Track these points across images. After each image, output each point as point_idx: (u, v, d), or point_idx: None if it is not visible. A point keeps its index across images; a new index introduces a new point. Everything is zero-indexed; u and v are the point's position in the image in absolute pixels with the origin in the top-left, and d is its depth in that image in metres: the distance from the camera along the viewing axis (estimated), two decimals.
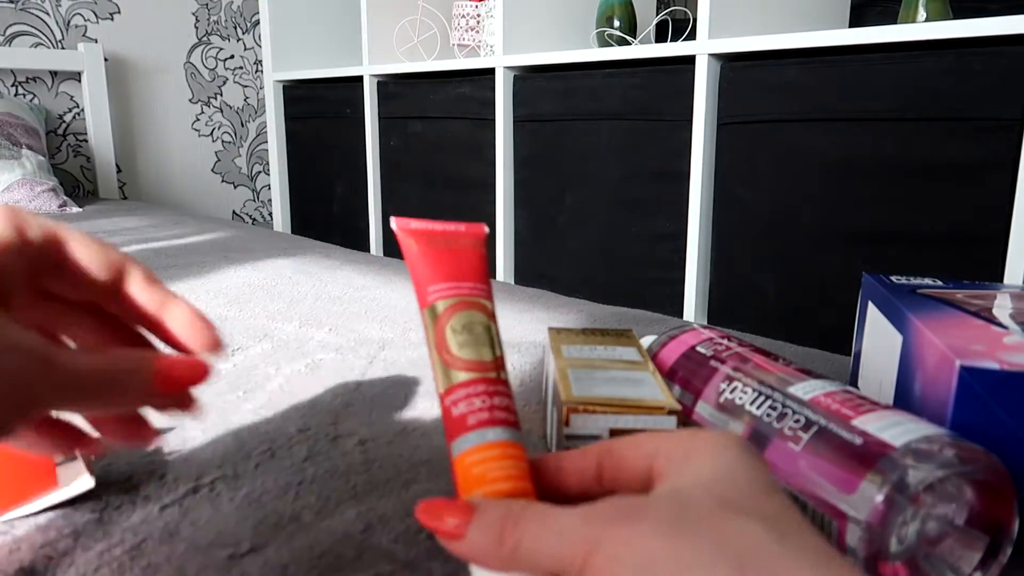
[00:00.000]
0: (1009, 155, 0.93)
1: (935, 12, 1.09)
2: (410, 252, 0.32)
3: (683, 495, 0.23)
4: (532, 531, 0.23)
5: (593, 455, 0.27)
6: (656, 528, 0.21)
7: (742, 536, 0.21)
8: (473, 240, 0.32)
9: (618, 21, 1.47)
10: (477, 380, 0.29)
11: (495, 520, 0.24)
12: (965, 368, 0.34)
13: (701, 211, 1.24)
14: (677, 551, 0.21)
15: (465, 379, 0.29)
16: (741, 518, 0.22)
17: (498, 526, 0.23)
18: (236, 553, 0.34)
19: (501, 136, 1.53)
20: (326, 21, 2.21)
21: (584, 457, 0.27)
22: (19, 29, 1.91)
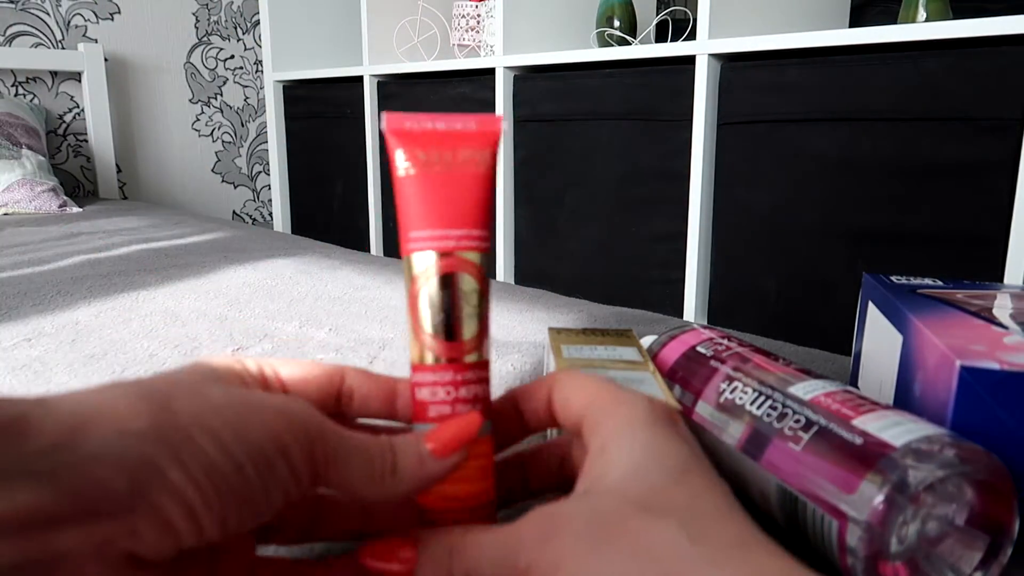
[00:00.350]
0: (1009, 155, 0.93)
1: (935, 12, 1.09)
2: (396, 169, 0.26)
3: (597, 502, 0.23)
4: (472, 560, 0.24)
5: (541, 398, 0.28)
6: (575, 545, 0.22)
7: (659, 543, 0.21)
8: (481, 151, 0.26)
9: (618, 21, 1.47)
10: (446, 366, 0.26)
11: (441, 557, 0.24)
12: (965, 368, 0.34)
13: (701, 211, 1.24)
14: (599, 566, 0.21)
15: (432, 363, 0.26)
16: (656, 521, 0.22)
17: (444, 563, 0.24)
18: None
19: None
20: (326, 21, 2.21)
21: (534, 398, 0.28)
22: (19, 29, 1.91)
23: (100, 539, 0.18)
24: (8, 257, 1.09)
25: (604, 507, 0.23)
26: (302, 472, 0.22)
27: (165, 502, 0.19)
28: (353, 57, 2.22)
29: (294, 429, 0.22)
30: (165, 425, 0.20)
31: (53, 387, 0.56)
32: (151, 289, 0.87)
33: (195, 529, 0.20)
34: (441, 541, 0.24)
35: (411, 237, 0.26)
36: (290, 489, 0.22)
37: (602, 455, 0.24)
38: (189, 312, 0.78)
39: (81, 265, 1.02)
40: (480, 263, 0.26)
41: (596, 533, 0.22)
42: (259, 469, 0.21)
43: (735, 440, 0.37)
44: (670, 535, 0.21)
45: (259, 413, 0.22)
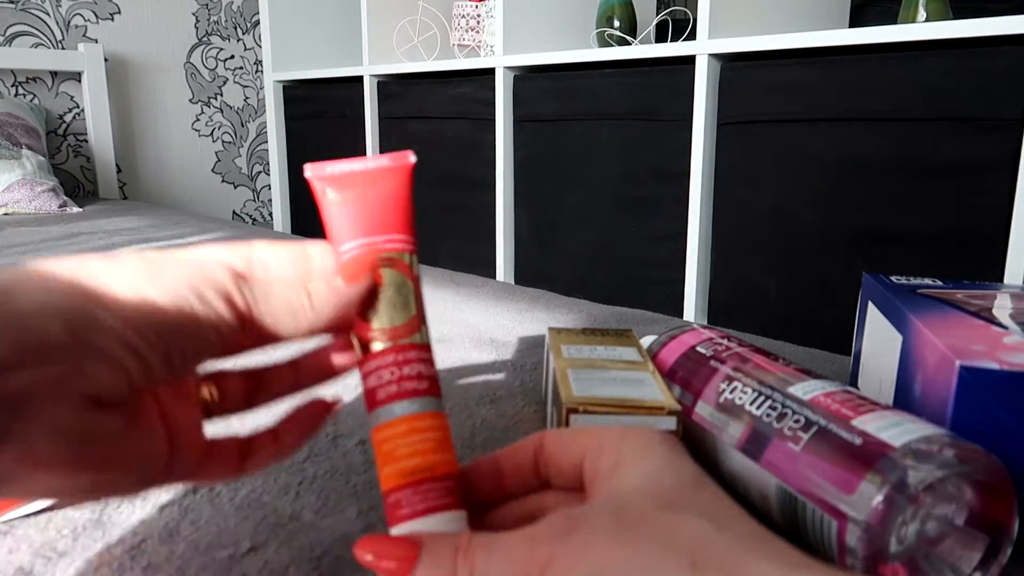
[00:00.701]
0: (1009, 155, 0.93)
1: (935, 12, 1.09)
2: (323, 203, 0.29)
3: (619, 502, 0.23)
4: (481, 560, 0.23)
5: (528, 453, 0.28)
6: (601, 536, 0.22)
7: (686, 532, 0.21)
8: (396, 177, 0.30)
9: (618, 21, 1.47)
10: (386, 350, 0.27)
11: (446, 556, 0.23)
12: (965, 368, 0.34)
13: (701, 211, 1.24)
14: (626, 555, 0.21)
15: (374, 350, 0.28)
16: (680, 515, 0.22)
17: (449, 563, 0.23)
18: (236, 553, 0.34)
19: (501, 136, 1.53)
20: (326, 21, 2.21)
21: (519, 455, 0.28)
22: (19, 29, 1.91)
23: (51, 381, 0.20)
24: (8, 257, 1.09)
25: (627, 505, 0.23)
26: (223, 311, 0.24)
27: (107, 343, 0.21)
28: (353, 57, 2.22)
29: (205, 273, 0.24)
30: (84, 281, 0.22)
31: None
32: None
33: (142, 367, 0.22)
34: (446, 540, 0.24)
35: (342, 251, 0.28)
36: (220, 327, 0.24)
37: (616, 470, 0.25)
38: None
39: None
40: (406, 261, 0.29)
41: (621, 526, 0.22)
42: (182, 308, 0.23)
43: (735, 440, 0.37)
44: (696, 525, 0.22)
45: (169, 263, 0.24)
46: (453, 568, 0.23)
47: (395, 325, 0.28)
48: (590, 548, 0.22)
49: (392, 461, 0.26)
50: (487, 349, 0.66)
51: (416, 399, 0.27)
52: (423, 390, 0.27)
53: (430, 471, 0.26)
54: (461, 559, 0.23)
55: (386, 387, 0.27)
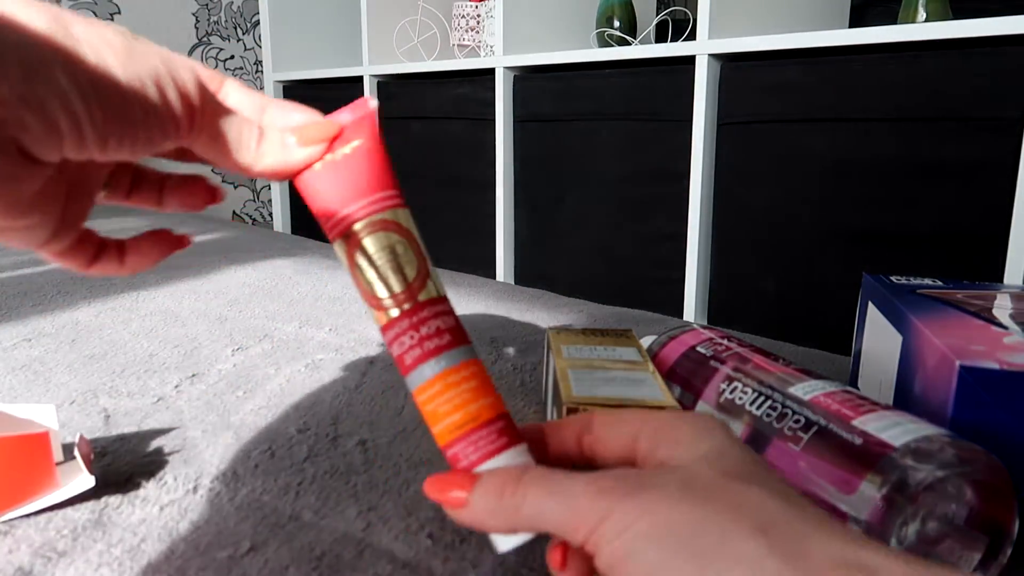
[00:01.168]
0: (1009, 155, 0.93)
1: (935, 12, 1.09)
2: (297, 179, 0.29)
3: (686, 470, 0.23)
4: (534, 494, 0.23)
5: (573, 432, 0.28)
6: (668, 498, 0.22)
7: (754, 500, 0.21)
8: (359, 131, 0.29)
9: (618, 21, 1.47)
10: (400, 316, 0.27)
11: (494, 487, 0.24)
12: (965, 368, 0.34)
13: (701, 211, 1.24)
14: (694, 517, 0.21)
15: (388, 319, 0.27)
16: (749, 486, 0.22)
17: (497, 491, 0.24)
18: (236, 553, 0.34)
19: (501, 136, 1.53)
20: (326, 21, 2.21)
21: (564, 433, 0.28)
22: None
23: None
24: (8, 257, 1.09)
25: (694, 474, 0.23)
26: (179, 114, 0.24)
27: (51, 103, 0.21)
28: (353, 57, 2.22)
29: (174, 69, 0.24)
30: (60, 35, 0.22)
31: (53, 387, 0.56)
32: (151, 289, 0.87)
33: (77, 137, 0.22)
34: (503, 476, 0.24)
35: (328, 226, 0.28)
36: (167, 126, 0.24)
37: (676, 448, 0.25)
38: (189, 312, 0.78)
39: None
40: (393, 218, 0.28)
41: (689, 490, 0.22)
42: (138, 96, 0.23)
43: None
44: (765, 495, 0.22)
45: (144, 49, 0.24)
46: (500, 499, 0.24)
47: (399, 290, 0.27)
48: (655, 507, 0.21)
49: (437, 420, 0.27)
50: (487, 349, 0.66)
51: (442, 356, 0.27)
52: (446, 344, 0.27)
53: (474, 421, 0.26)
54: (509, 491, 0.24)
55: (411, 352, 0.27)
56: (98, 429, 0.48)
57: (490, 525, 0.24)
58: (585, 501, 0.22)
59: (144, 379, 0.58)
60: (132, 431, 0.48)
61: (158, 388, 0.56)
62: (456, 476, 0.25)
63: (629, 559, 0.21)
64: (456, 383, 0.27)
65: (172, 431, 0.47)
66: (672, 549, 0.21)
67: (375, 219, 0.28)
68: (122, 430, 0.48)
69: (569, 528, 0.22)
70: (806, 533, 0.20)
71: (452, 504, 0.25)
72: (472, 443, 0.26)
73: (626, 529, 0.21)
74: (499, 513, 0.24)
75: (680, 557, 0.20)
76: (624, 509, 0.22)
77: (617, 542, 0.21)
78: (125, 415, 0.50)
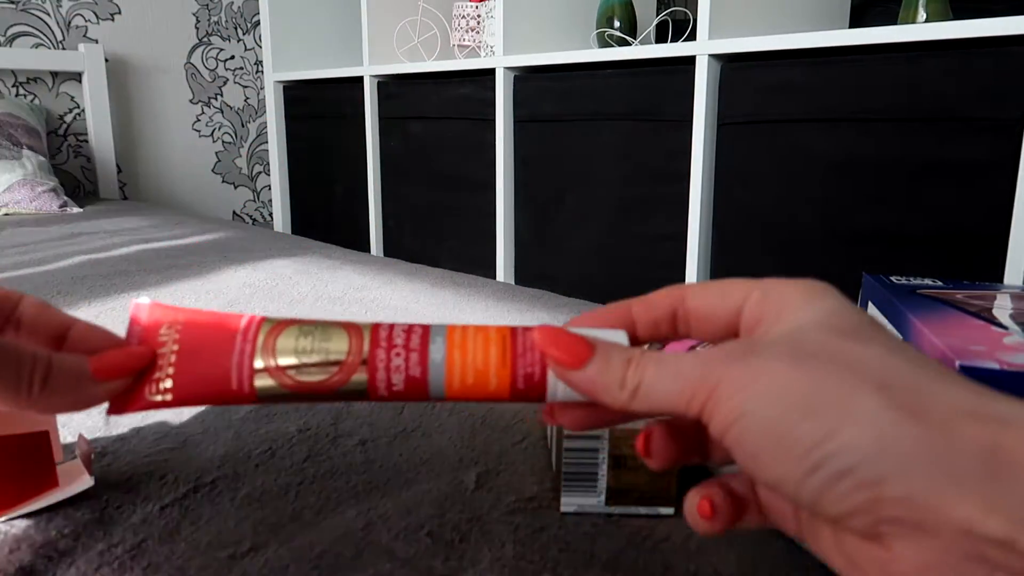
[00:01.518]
0: (1009, 155, 0.93)
1: (935, 12, 1.09)
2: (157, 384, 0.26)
3: (797, 333, 0.22)
4: (651, 373, 0.23)
5: (666, 307, 0.27)
6: (780, 361, 0.21)
7: (872, 358, 0.21)
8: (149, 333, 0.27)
9: (618, 21, 1.47)
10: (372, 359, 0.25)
11: (618, 363, 0.24)
12: (965, 368, 0.34)
13: (701, 211, 1.24)
14: (810, 377, 0.20)
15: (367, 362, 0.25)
16: (866, 345, 0.21)
17: (620, 369, 0.23)
18: (236, 553, 0.34)
19: (501, 136, 1.53)
20: (326, 21, 2.21)
21: (655, 308, 0.27)
22: (20, 30, 1.91)
23: None
24: (9, 257, 1.09)
25: (806, 336, 0.22)
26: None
27: None
28: (353, 57, 2.22)
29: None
30: None
31: None
32: (151, 289, 0.87)
33: None
34: (622, 350, 0.24)
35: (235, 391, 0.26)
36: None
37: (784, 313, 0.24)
38: None
39: (81, 265, 1.02)
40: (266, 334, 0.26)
41: (801, 352, 0.21)
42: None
43: None
44: (882, 353, 0.21)
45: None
46: (624, 375, 0.23)
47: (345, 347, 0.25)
48: (766, 371, 0.21)
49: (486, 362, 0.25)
50: None
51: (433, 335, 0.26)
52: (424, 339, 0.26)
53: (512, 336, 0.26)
54: (633, 368, 0.23)
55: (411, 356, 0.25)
56: (98, 429, 0.48)
57: (596, 391, 0.24)
58: (698, 372, 0.22)
59: None
60: (132, 431, 0.48)
61: None
62: (576, 337, 0.24)
63: (743, 420, 0.21)
64: (468, 331, 0.26)
65: (172, 431, 0.47)
66: (787, 407, 0.20)
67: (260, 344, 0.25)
68: (122, 430, 0.48)
69: (683, 400, 0.22)
70: (928, 387, 0.20)
71: (571, 360, 0.24)
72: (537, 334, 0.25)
73: (739, 391, 0.21)
74: (612, 385, 0.23)
75: (796, 415, 0.20)
76: (736, 374, 0.21)
77: (730, 404, 0.21)
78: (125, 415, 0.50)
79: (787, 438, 0.20)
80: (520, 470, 0.43)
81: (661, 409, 0.23)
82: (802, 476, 0.20)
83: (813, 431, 0.19)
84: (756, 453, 0.21)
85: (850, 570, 0.21)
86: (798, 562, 0.34)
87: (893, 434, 0.19)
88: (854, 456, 0.19)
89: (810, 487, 0.20)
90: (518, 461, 0.44)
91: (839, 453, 0.19)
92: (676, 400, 0.22)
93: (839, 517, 0.20)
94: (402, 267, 1.04)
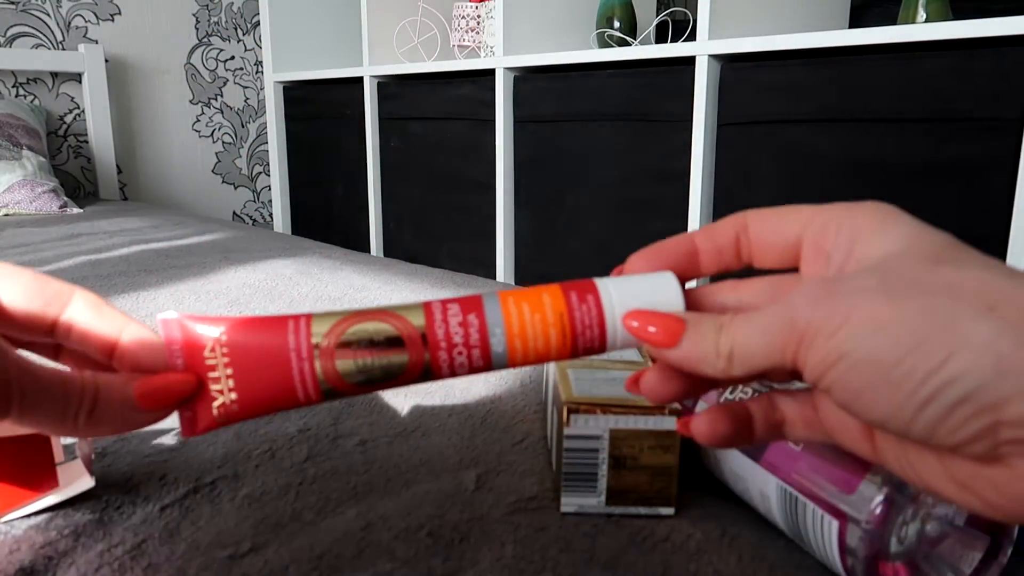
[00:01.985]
0: (1009, 155, 0.93)
1: (935, 12, 1.09)
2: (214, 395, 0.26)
3: (883, 265, 0.21)
4: (741, 335, 0.22)
5: (729, 234, 0.26)
6: (871, 297, 0.20)
7: (972, 280, 0.19)
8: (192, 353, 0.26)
9: (618, 22, 1.47)
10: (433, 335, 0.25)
11: (710, 332, 0.23)
12: None
13: (701, 211, 1.24)
14: (909, 307, 0.19)
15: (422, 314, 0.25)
16: (961, 268, 0.20)
17: (712, 338, 0.23)
18: (236, 553, 0.34)
19: (501, 137, 1.53)
20: (326, 22, 2.21)
21: (718, 236, 0.26)
22: (20, 30, 1.91)
23: None
24: (9, 258, 1.09)
25: (893, 267, 0.21)
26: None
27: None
28: (353, 58, 2.22)
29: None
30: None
31: None
32: (152, 290, 0.87)
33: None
34: (710, 319, 0.23)
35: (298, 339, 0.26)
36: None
37: (857, 242, 0.23)
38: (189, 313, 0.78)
39: (82, 266, 1.02)
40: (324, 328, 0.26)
41: (893, 285, 0.20)
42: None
43: None
44: (981, 274, 0.20)
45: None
46: (716, 343, 0.23)
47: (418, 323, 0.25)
48: (858, 310, 0.20)
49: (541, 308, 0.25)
50: None
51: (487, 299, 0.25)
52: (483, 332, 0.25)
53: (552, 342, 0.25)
54: (724, 335, 0.23)
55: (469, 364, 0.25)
56: None
57: (695, 364, 0.23)
58: (783, 322, 0.21)
59: None
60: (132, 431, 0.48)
61: None
62: (664, 315, 0.24)
63: (843, 360, 0.20)
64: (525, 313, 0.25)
65: (172, 431, 0.47)
66: (891, 341, 0.19)
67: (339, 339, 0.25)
68: None
69: (776, 353, 0.21)
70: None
71: (666, 340, 0.24)
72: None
73: (834, 333, 0.20)
74: (709, 355, 0.23)
75: (901, 348, 0.19)
76: (826, 315, 0.20)
77: (826, 346, 0.20)
78: None
79: (894, 372, 0.19)
80: (520, 470, 0.43)
81: (759, 367, 0.22)
82: (915, 410, 0.19)
83: (923, 362, 0.19)
84: (859, 392, 0.20)
85: (961, 494, 0.20)
86: (798, 562, 0.34)
87: (1011, 354, 0.18)
88: (972, 381, 0.18)
89: (924, 420, 0.19)
90: (518, 461, 0.44)
91: (955, 381, 0.18)
92: (770, 354, 0.22)
93: (957, 445, 0.19)
94: (402, 267, 1.04)
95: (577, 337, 0.25)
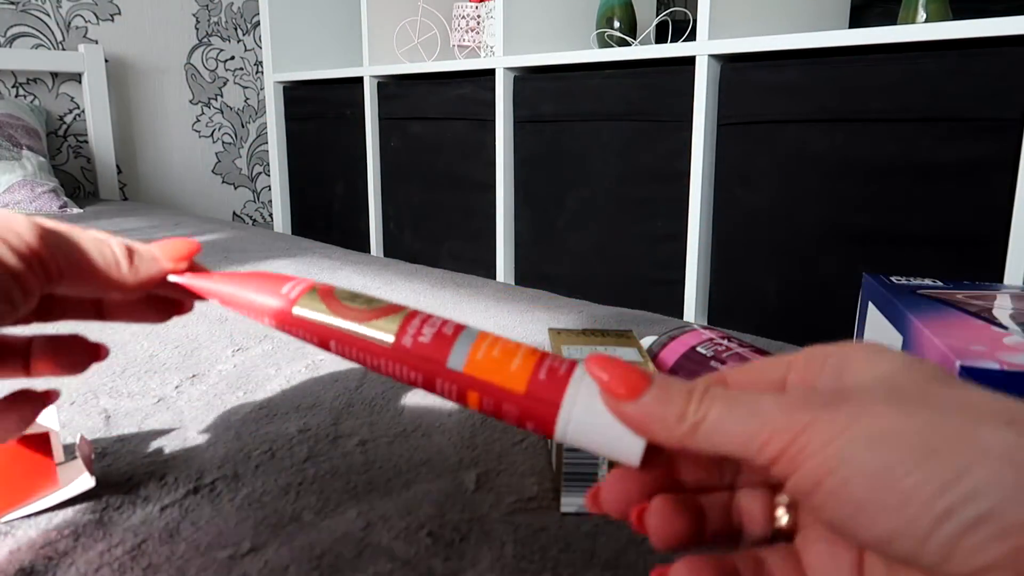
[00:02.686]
0: (1009, 155, 0.93)
1: (935, 12, 1.09)
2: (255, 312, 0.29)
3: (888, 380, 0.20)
4: (718, 409, 0.21)
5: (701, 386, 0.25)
6: (883, 405, 0.19)
7: (985, 397, 0.19)
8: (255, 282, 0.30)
9: (618, 22, 1.47)
10: (412, 312, 0.27)
11: (677, 395, 0.21)
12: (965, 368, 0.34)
13: (701, 211, 1.24)
14: (920, 416, 0.18)
15: (407, 313, 0.27)
16: (968, 389, 0.19)
17: (680, 402, 0.21)
18: (236, 553, 0.34)
19: (501, 136, 1.53)
20: (326, 22, 2.21)
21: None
22: (20, 30, 1.91)
23: None
24: None
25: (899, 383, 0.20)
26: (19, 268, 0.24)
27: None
28: (353, 58, 2.22)
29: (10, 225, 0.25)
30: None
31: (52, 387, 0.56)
32: None
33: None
34: (680, 383, 0.22)
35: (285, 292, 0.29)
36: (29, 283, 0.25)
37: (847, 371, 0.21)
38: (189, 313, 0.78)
39: None
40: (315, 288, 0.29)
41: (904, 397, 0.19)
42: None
43: None
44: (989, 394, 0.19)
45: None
46: (685, 409, 0.21)
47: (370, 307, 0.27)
48: (868, 411, 0.19)
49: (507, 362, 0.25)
50: None
51: (463, 333, 0.26)
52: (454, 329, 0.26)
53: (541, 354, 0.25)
54: (696, 402, 0.21)
55: (446, 325, 0.26)
56: (99, 430, 0.48)
57: (651, 424, 0.21)
58: (779, 414, 0.19)
59: (144, 380, 0.58)
60: (133, 432, 0.48)
61: (159, 389, 0.56)
62: (630, 366, 0.22)
63: (843, 468, 0.18)
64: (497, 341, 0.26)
65: (172, 431, 0.48)
66: (899, 451, 0.18)
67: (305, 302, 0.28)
68: (123, 431, 0.48)
69: (756, 444, 0.20)
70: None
71: (626, 390, 0.22)
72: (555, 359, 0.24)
73: (835, 437, 0.18)
74: (670, 418, 0.21)
75: (911, 459, 0.17)
76: (829, 418, 0.19)
77: (825, 452, 0.18)
78: (126, 415, 0.50)
79: (902, 484, 0.17)
80: (520, 470, 0.43)
81: (723, 450, 0.20)
82: (928, 528, 0.17)
83: (936, 474, 0.17)
84: (860, 506, 0.18)
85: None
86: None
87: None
88: (993, 497, 0.16)
89: (938, 540, 0.17)
90: (518, 461, 0.44)
91: (974, 496, 0.17)
92: (746, 443, 0.20)
93: (976, 571, 0.17)
94: (402, 267, 1.04)
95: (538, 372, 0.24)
